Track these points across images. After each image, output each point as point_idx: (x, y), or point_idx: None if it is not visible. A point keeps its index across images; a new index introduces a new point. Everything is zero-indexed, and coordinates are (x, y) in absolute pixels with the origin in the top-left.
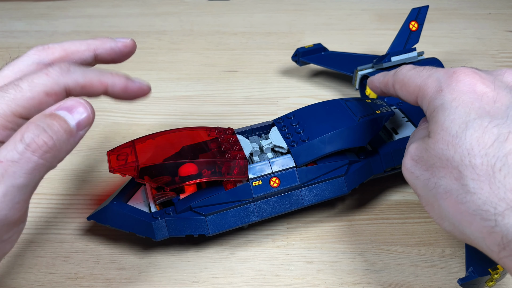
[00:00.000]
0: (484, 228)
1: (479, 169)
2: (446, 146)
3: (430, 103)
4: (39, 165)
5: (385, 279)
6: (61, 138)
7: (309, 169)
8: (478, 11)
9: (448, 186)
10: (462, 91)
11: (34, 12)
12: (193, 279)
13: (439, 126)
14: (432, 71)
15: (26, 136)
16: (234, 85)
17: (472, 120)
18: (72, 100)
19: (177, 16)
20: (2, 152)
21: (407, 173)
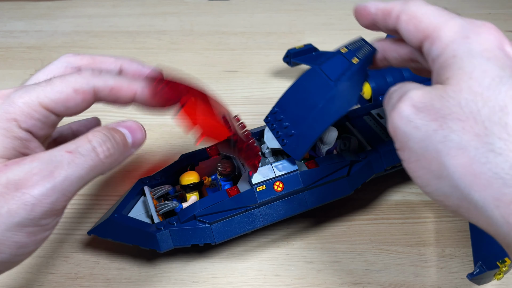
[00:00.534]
0: (504, 196)
1: (511, 129)
2: (473, 96)
3: (448, 47)
4: (99, 165)
5: (385, 279)
6: (119, 149)
7: (311, 172)
8: (478, 11)
9: (464, 142)
10: (493, 47)
11: (34, 12)
12: (193, 279)
13: (466, 74)
14: (454, 15)
15: (94, 140)
16: (234, 85)
17: (507, 76)
18: (132, 122)
19: (177, 16)
20: (72, 145)
21: (400, 121)
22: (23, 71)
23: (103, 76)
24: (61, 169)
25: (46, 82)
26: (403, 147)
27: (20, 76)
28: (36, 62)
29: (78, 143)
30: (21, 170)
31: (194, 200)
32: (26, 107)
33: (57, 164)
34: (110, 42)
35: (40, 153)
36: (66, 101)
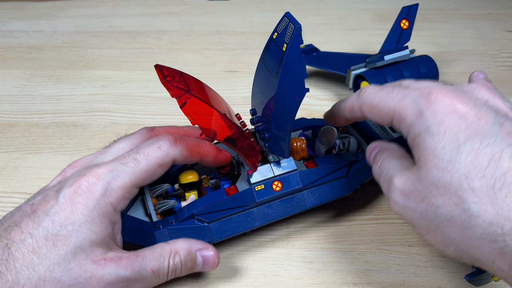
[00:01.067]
0: (494, 250)
1: (479, 191)
2: (441, 172)
3: (411, 128)
4: (161, 282)
5: (385, 279)
6: (184, 274)
7: (310, 171)
8: (478, 11)
9: (450, 213)
10: (445, 112)
11: (34, 12)
12: (193, 279)
13: (430, 153)
14: (404, 91)
15: (172, 264)
16: (234, 85)
17: (463, 143)
18: (212, 256)
19: (177, 16)
20: (156, 264)
21: (399, 209)
22: (23, 71)
23: (178, 146)
24: (140, 283)
25: (134, 163)
26: (413, 225)
27: (20, 76)
28: (36, 62)
29: (161, 263)
30: (115, 273)
31: (193, 199)
32: (122, 191)
33: (141, 278)
34: (110, 42)
35: (133, 261)
36: (152, 175)
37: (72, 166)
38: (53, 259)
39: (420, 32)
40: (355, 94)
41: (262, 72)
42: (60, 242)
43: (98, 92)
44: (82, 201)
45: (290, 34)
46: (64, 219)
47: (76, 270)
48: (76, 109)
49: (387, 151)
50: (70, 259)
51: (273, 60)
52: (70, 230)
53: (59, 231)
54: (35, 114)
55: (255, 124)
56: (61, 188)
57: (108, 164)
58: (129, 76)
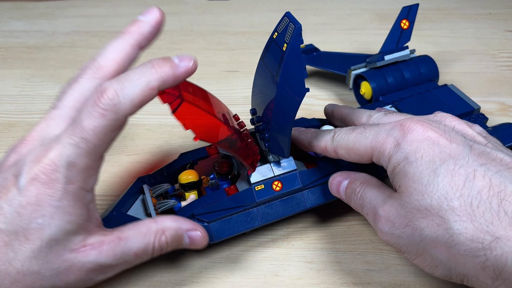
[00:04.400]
0: (477, 265)
1: (459, 210)
2: (421, 196)
3: (391, 159)
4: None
5: (385, 279)
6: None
7: (310, 171)
8: (478, 11)
9: (434, 234)
10: (419, 140)
11: (34, 12)
12: (193, 279)
13: (409, 179)
14: (376, 128)
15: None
16: (234, 85)
17: (438, 166)
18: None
19: (177, 16)
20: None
21: (387, 237)
22: (23, 71)
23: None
24: (123, 265)
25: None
26: (401, 252)
27: (20, 76)
28: (36, 62)
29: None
30: (96, 261)
31: (193, 199)
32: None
33: (124, 262)
34: None
35: (115, 245)
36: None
37: (26, 141)
38: (28, 253)
39: (420, 32)
40: (328, 136)
41: (262, 72)
42: (32, 236)
43: None
44: (47, 191)
45: (290, 34)
46: (32, 212)
47: (55, 261)
48: None
49: (364, 183)
50: (47, 252)
51: (273, 60)
52: (40, 224)
53: (28, 225)
54: (35, 114)
55: (255, 124)
56: (19, 173)
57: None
58: None
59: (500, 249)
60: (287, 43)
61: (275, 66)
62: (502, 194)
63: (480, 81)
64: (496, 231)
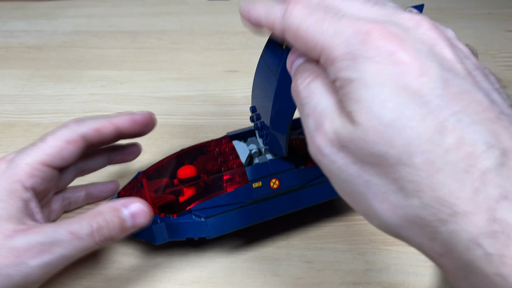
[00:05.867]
0: (425, 234)
1: (419, 169)
2: (378, 138)
3: (340, 72)
4: (93, 247)
5: (385, 279)
6: (116, 233)
7: (308, 170)
8: (478, 11)
9: (384, 187)
10: (384, 62)
11: (34, 12)
12: (193, 279)
13: (365, 110)
14: (337, 25)
15: (94, 224)
16: (234, 85)
17: (404, 104)
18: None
19: (177, 16)
20: (74, 226)
21: (325, 160)
22: (23, 71)
23: (86, 122)
24: (59, 247)
25: (40, 141)
26: (332, 181)
27: (20, 76)
28: (36, 62)
29: (81, 225)
30: (25, 241)
31: (191, 195)
32: (28, 168)
33: (57, 242)
34: (110, 42)
35: (45, 226)
36: (61, 152)
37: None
38: None
39: None
40: (279, 11)
41: (262, 69)
42: None
43: (98, 92)
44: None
45: None
46: None
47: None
48: (76, 109)
49: (318, 75)
50: None
51: (273, 57)
52: None
53: None
54: (35, 114)
55: (255, 122)
56: None
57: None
58: (129, 76)
59: (455, 225)
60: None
61: (275, 64)
62: (472, 157)
63: None
64: (455, 203)
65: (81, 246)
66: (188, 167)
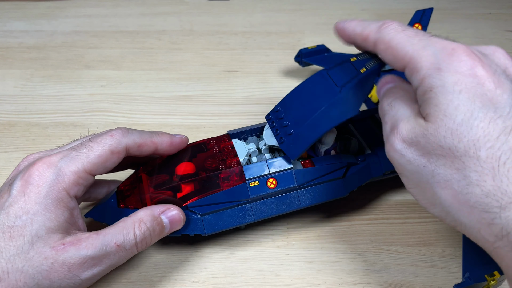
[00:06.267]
0: (483, 220)
1: (484, 161)
2: (449, 134)
3: (424, 80)
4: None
5: (385, 279)
6: (154, 240)
7: (306, 171)
8: (478, 11)
9: (448, 176)
10: (464, 74)
11: (34, 12)
12: (193, 279)
13: (441, 111)
14: (426, 41)
15: (138, 234)
16: (234, 85)
17: (477, 109)
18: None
19: (177, 16)
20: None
21: (396, 155)
22: (23, 71)
23: (131, 136)
24: (107, 259)
25: (86, 149)
26: (401, 174)
27: (20, 76)
28: (36, 62)
29: (125, 236)
30: (76, 255)
31: (188, 191)
32: (74, 176)
33: (106, 254)
34: (110, 42)
35: (93, 239)
36: (105, 162)
37: (25, 160)
38: (12, 251)
39: None
40: (374, 26)
41: (321, 79)
42: (16, 233)
43: (98, 92)
44: (34, 189)
45: (373, 65)
46: (18, 209)
47: (36, 258)
48: (76, 109)
49: (402, 91)
50: (29, 249)
51: (343, 74)
52: (24, 220)
53: (14, 222)
54: (35, 114)
55: (272, 120)
56: (13, 181)
57: (61, 153)
58: (129, 76)
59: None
60: (367, 69)
61: (343, 80)
62: None
63: None
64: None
65: (126, 255)
66: (187, 164)
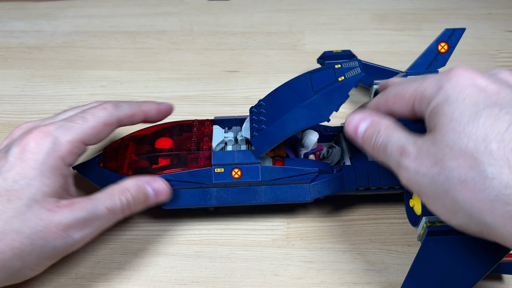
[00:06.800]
0: (506, 213)
1: (497, 154)
2: (457, 135)
3: (431, 101)
4: (120, 218)
5: (385, 279)
6: (139, 207)
7: (273, 168)
8: (478, 11)
9: (463, 176)
10: (466, 85)
11: (34, 12)
12: (193, 279)
13: (447, 118)
14: (425, 76)
15: (124, 200)
16: (234, 85)
17: (482, 109)
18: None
19: (177, 16)
20: (109, 202)
21: (410, 175)
22: (23, 71)
23: (122, 108)
24: (98, 221)
25: (81, 120)
26: (420, 194)
27: (20, 76)
28: (36, 62)
29: (114, 201)
30: (70, 216)
31: (163, 165)
32: (70, 145)
33: (97, 217)
34: (110, 42)
35: (85, 203)
36: (98, 134)
37: (18, 128)
38: (10, 212)
39: (420, 32)
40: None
41: (302, 81)
42: (14, 196)
43: (98, 92)
44: (32, 156)
45: (352, 75)
46: (16, 174)
47: (33, 219)
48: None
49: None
50: (26, 211)
51: (322, 80)
52: (22, 184)
53: (11, 186)
54: (35, 114)
55: (254, 112)
56: (9, 148)
57: (56, 123)
58: (129, 76)
59: None
60: (345, 78)
61: (320, 85)
62: None
63: None
64: None
65: (114, 219)
66: (166, 140)
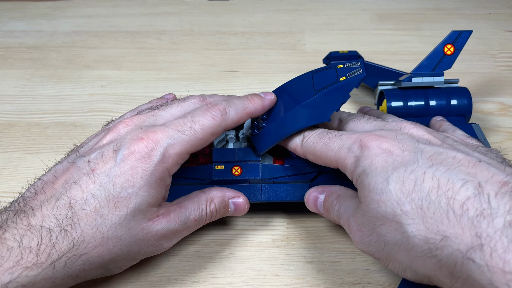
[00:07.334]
0: (434, 265)
1: (411, 213)
2: (377, 204)
3: (353, 173)
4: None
5: (385, 279)
6: (216, 218)
7: (274, 167)
8: (478, 11)
9: (394, 239)
10: (375, 154)
11: (34, 12)
12: (193, 279)
13: (366, 190)
14: (339, 141)
15: (209, 212)
16: (234, 85)
17: (390, 175)
18: (243, 201)
19: (177, 16)
20: (197, 213)
21: (361, 246)
22: (23, 71)
23: (229, 115)
24: (185, 231)
25: (191, 131)
26: (376, 259)
27: (20, 76)
28: (36, 62)
29: (200, 211)
30: (166, 227)
31: None
32: (177, 158)
33: (186, 228)
34: (110, 42)
35: (179, 213)
36: (204, 144)
37: (124, 124)
38: (115, 219)
39: (420, 32)
40: (298, 139)
41: (304, 80)
42: (121, 204)
43: (98, 92)
44: (141, 165)
45: (354, 75)
46: (125, 181)
47: (135, 228)
48: (76, 109)
49: (340, 195)
50: (130, 220)
51: (324, 79)
52: (130, 193)
53: (119, 193)
54: (35, 114)
55: None
56: (118, 149)
57: (165, 130)
58: (129, 76)
59: (450, 248)
60: (347, 78)
61: (322, 85)
62: (450, 192)
63: (480, 81)
64: (445, 229)
65: (195, 229)
66: None
